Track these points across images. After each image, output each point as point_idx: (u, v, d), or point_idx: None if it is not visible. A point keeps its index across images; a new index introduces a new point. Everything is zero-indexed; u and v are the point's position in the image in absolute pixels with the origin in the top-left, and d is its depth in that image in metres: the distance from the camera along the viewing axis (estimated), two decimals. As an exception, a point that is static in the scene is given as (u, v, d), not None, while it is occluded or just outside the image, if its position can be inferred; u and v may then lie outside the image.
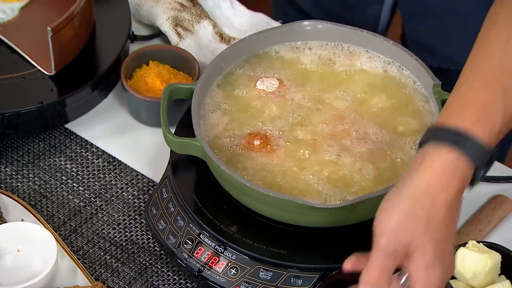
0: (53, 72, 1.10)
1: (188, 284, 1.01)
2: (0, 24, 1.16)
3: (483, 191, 1.10)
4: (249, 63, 1.08)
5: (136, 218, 1.07)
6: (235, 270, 0.95)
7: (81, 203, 1.08)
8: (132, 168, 1.12)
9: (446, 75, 1.05)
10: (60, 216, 1.07)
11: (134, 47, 1.20)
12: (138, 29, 1.25)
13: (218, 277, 0.95)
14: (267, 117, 1.03)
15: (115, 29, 1.17)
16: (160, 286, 1.01)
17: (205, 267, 0.96)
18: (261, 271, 0.95)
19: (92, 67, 1.13)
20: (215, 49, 1.20)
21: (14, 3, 1.18)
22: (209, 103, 1.04)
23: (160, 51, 1.17)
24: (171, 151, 1.03)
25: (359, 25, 1.09)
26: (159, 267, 1.02)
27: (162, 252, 1.03)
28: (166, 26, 1.21)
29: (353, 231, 0.97)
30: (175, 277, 1.02)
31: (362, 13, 1.28)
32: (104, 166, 1.12)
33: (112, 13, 1.19)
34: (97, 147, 1.14)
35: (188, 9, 1.23)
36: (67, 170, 1.12)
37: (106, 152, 1.13)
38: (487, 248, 0.96)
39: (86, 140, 1.15)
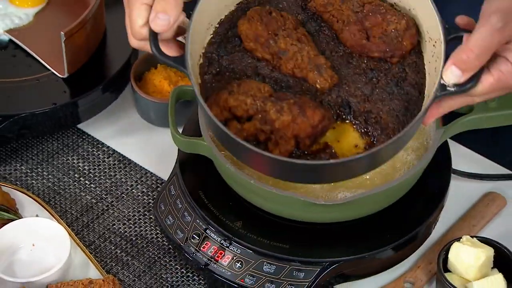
0: (66, 75, 1.11)
1: (195, 277, 1.01)
2: (15, 29, 1.16)
3: (477, 188, 1.10)
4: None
5: (145, 214, 1.07)
6: (240, 264, 0.95)
7: (93, 200, 1.09)
8: (141, 166, 1.12)
9: None
10: (73, 212, 1.08)
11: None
12: (147, 33, 1.26)
13: (223, 270, 0.95)
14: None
15: (126, 33, 1.12)
16: (168, 279, 1.01)
17: (211, 261, 0.96)
18: (265, 265, 0.95)
19: (103, 69, 1.14)
20: (220, 53, 1.20)
21: (29, 9, 1.18)
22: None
23: (168, 55, 1.18)
24: (179, 150, 1.03)
25: None
26: (167, 260, 1.02)
27: (170, 246, 1.03)
28: (174, 31, 1.21)
29: (354, 226, 0.97)
30: (182, 270, 1.02)
31: None
32: (114, 164, 1.12)
33: (123, 18, 1.13)
34: (108, 146, 1.14)
35: (195, 14, 1.23)
36: (80, 168, 1.12)
37: (116, 151, 1.14)
38: (481, 243, 0.96)
39: (98, 140, 1.15)
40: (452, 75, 0.83)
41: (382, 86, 0.91)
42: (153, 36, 0.87)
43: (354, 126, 0.91)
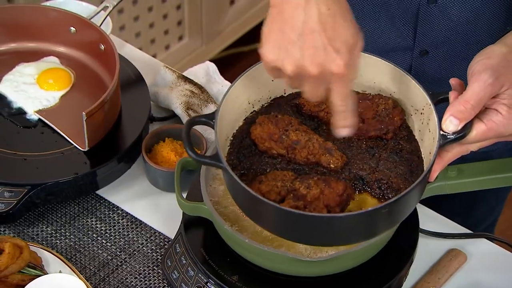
0: (86, 148, 1.12)
1: (197, 325, 1.02)
2: (44, 110, 1.17)
3: (441, 245, 1.11)
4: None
5: (154, 269, 1.08)
6: (236, 314, 0.96)
7: (108, 257, 1.10)
8: (151, 227, 1.13)
9: None
10: (91, 267, 1.09)
11: (153, 127, 1.21)
12: (156, 112, 1.26)
13: (222, 320, 0.97)
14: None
15: (138, 112, 1.18)
16: (174, 326, 1.01)
17: (212, 311, 0.98)
18: (258, 315, 0.96)
19: (118, 143, 1.15)
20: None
21: (56, 92, 1.19)
22: (214, 172, 1.05)
23: (174, 130, 1.18)
24: (183, 213, 1.04)
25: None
26: (174, 310, 1.03)
27: (176, 297, 1.04)
28: (179, 109, 1.22)
29: (336, 279, 0.98)
30: (186, 318, 1.03)
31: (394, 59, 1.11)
32: (127, 225, 1.13)
33: (135, 99, 1.20)
34: (122, 209, 1.15)
35: (197, 95, 1.24)
36: (97, 229, 1.13)
37: (129, 214, 1.15)
38: (445, 293, 0.98)
39: (113, 204, 1.16)
40: (451, 124, 0.86)
41: (384, 158, 0.93)
42: (188, 141, 0.89)
43: (372, 194, 0.92)
